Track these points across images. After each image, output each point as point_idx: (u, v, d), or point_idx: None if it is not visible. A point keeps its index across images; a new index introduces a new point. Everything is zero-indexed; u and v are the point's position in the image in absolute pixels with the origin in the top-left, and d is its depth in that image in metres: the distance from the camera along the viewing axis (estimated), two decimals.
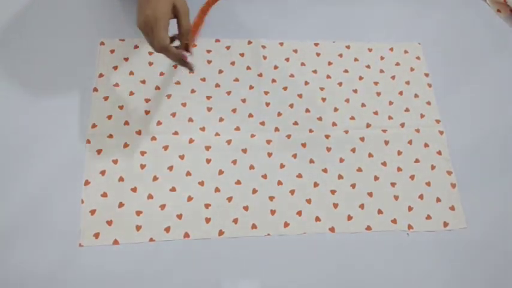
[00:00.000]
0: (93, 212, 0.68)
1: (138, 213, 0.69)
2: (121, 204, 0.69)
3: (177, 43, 0.68)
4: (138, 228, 0.68)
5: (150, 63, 0.81)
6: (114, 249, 0.66)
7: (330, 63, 0.85)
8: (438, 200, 0.74)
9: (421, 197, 0.74)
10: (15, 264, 0.64)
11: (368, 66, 0.85)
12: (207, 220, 0.69)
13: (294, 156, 0.75)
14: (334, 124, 0.79)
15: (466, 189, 0.75)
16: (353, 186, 0.74)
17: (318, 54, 0.85)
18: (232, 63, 0.82)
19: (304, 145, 0.76)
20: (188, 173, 0.72)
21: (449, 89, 0.85)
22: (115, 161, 0.72)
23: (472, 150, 0.79)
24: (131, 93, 0.78)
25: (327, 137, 0.77)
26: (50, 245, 0.66)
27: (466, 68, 0.87)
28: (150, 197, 0.70)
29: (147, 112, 0.76)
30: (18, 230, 0.66)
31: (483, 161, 0.78)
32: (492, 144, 0.79)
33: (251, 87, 0.80)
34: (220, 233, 0.68)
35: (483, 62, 0.88)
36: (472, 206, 0.74)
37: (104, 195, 0.69)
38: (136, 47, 0.82)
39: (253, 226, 0.69)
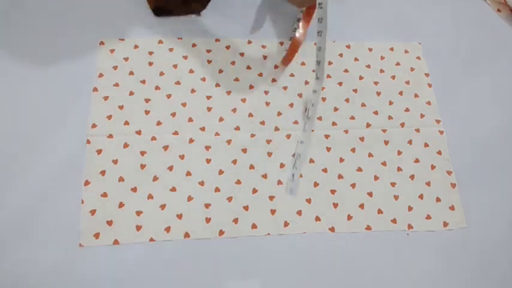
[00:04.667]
0: (93, 212, 0.68)
1: (138, 213, 0.69)
2: (121, 204, 0.69)
3: None
4: (138, 228, 0.68)
5: (150, 63, 0.81)
6: (114, 249, 0.66)
7: (330, 63, 0.85)
8: (438, 199, 0.74)
9: (421, 196, 0.74)
10: (15, 264, 0.64)
11: (368, 66, 0.85)
12: (207, 220, 0.69)
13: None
14: (334, 124, 0.79)
15: (466, 189, 0.75)
16: (353, 186, 0.74)
17: None
18: (232, 62, 0.82)
19: None
20: (188, 173, 0.72)
21: (449, 89, 0.85)
22: (115, 161, 0.72)
23: (472, 150, 0.79)
24: (131, 93, 0.78)
25: (327, 136, 0.77)
26: (50, 245, 0.66)
27: (466, 68, 0.87)
28: (150, 197, 0.70)
29: (147, 112, 0.76)
30: (19, 229, 0.66)
31: (483, 161, 0.78)
32: (492, 144, 0.79)
33: (251, 87, 0.81)
34: (220, 233, 0.68)
35: (483, 62, 0.88)
36: (472, 206, 0.74)
37: (104, 195, 0.69)
38: (136, 46, 0.82)
39: (253, 226, 0.69)
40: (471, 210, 0.74)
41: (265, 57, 0.84)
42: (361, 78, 0.84)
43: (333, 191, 0.73)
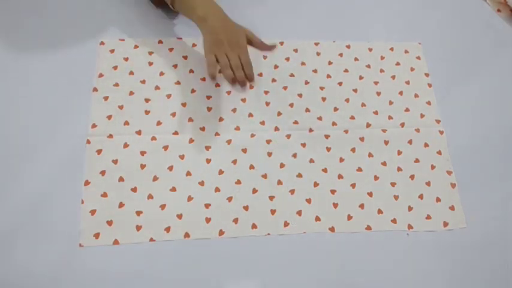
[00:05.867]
0: (93, 212, 0.68)
1: (138, 213, 0.69)
2: (121, 204, 0.69)
3: None
4: (138, 228, 0.68)
5: (150, 63, 0.81)
6: (114, 249, 0.66)
7: (330, 63, 0.85)
8: (438, 199, 0.74)
9: (421, 196, 0.74)
10: (15, 264, 0.64)
11: (368, 66, 0.85)
12: (207, 220, 0.69)
13: (294, 155, 0.75)
14: (334, 124, 0.79)
15: (466, 189, 0.75)
16: (353, 186, 0.74)
17: (318, 54, 0.85)
18: None
19: (304, 145, 0.76)
20: (188, 173, 0.72)
21: (449, 89, 0.85)
22: (115, 161, 0.72)
23: (472, 150, 0.79)
24: (131, 93, 0.78)
25: (327, 136, 0.77)
26: (50, 245, 0.66)
27: (466, 68, 0.87)
28: (150, 197, 0.70)
29: (147, 112, 0.76)
30: (18, 230, 0.66)
31: (483, 161, 0.78)
32: (492, 144, 0.79)
33: (251, 87, 0.80)
34: (220, 233, 0.68)
35: (483, 62, 0.88)
36: (472, 206, 0.74)
37: (104, 195, 0.69)
38: (136, 46, 0.82)
39: (253, 226, 0.69)
40: (471, 210, 0.73)
41: (265, 58, 0.84)
42: (361, 78, 0.84)
43: (333, 191, 0.73)
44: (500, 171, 0.77)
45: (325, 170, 0.75)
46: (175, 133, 0.75)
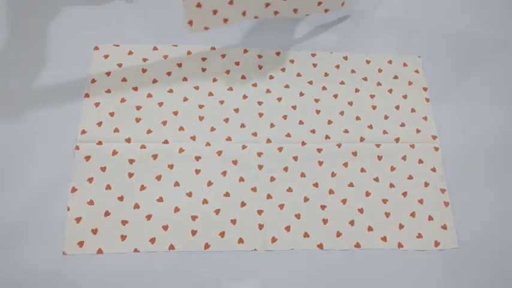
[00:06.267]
0: (78, 219, 0.67)
1: (124, 222, 0.68)
2: (107, 213, 0.68)
3: None
4: (123, 238, 0.67)
5: (144, 70, 0.80)
6: (97, 258, 0.65)
7: (326, 74, 0.83)
8: (430, 218, 0.73)
9: (412, 214, 0.73)
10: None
11: (365, 79, 0.84)
12: (193, 232, 0.68)
13: (285, 169, 0.74)
14: (327, 137, 0.77)
15: (460, 207, 0.74)
16: (344, 201, 0.73)
17: (314, 65, 0.84)
18: (227, 71, 0.81)
19: (295, 158, 0.75)
20: (176, 184, 0.71)
21: (447, 104, 0.83)
22: (103, 169, 0.71)
23: (468, 168, 0.77)
24: (123, 100, 0.77)
25: (319, 150, 0.76)
26: (35, 252, 0.65)
27: (464, 81, 0.85)
28: (136, 206, 0.69)
29: (137, 120, 0.75)
30: (6, 236, 0.66)
31: (477, 171, 0.76)
32: (489, 162, 0.78)
33: (245, 97, 0.79)
34: (206, 246, 0.67)
35: (482, 76, 0.86)
36: (465, 225, 0.72)
37: (91, 203, 0.69)
38: (130, 53, 0.81)
39: (240, 240, 0.68)
40: (464, 229, 0.72)
41: (260, 68, 0.82)
42: (357, 90, 0.83)
43: (323, 207, 0.72)
44: (495, 192, 0.76)
45: (316, 185, 0.73)
46: (166, 142, 0.74)
